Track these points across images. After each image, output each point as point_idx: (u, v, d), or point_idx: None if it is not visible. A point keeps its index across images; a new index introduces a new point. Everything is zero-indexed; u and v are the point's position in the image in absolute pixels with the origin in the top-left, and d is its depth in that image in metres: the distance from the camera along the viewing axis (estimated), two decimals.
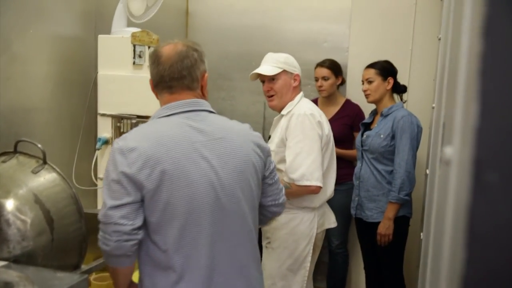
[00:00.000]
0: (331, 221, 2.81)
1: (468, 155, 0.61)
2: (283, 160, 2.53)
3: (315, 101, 3.63)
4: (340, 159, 3.51)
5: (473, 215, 0.59)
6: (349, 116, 3.57)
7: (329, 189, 2.68)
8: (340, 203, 3.59)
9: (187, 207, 1.59)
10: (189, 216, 1.60)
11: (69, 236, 1.83)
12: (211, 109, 1.75)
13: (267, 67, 2.64)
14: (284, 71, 2.62)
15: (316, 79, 3.59)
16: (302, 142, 2.48)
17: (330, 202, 3.61)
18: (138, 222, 1.57)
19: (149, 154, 1.56)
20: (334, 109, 3.64)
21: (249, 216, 1.75)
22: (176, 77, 1.68)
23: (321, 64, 3.59)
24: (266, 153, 1.81)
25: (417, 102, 3.47)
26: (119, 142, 1.61)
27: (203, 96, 1.76)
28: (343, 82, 3.68)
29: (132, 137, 1.61)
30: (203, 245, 1.63)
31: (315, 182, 2.49)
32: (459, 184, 0.68)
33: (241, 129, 1.77)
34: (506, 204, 0.56)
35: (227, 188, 1.66)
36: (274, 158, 2.40)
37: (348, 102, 3.66)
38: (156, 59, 1.71)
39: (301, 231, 2.60)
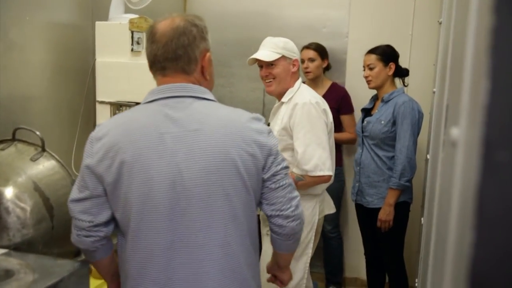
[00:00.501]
0: (331, 207, 2.82)
1: (477, 135, 0.59)
2: (286, 149, 2.50)
3: None
4: None
5: (482, 196, 0.57)
6: (335, 99, 3.58)
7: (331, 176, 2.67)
8: (330, 187, 3.62)
9: (140, 207, 1.41)
10: (143, 218, 1.41)
11: (69, 223, 1.82)
12: (204, 95, 1.51)
13: (266, 52, 2.58)
14: (283, 57, 2.57)
15: (303, 61, 3.59)
16: (311, 132, 2.44)
17: None
18: (101, 218, 1.46)
19: (112, 144, 1.42)
20: (320, 92, 3.65)
21: (222, 229, 1.44)
22: (170, 57, 1.47)
23: (307, 46, 3.60)
24: (267, 152, 1.50)
25: (417, 87, 3.46)
26: (95, 130, 1.52)
27: (203, 78, 1.53)
28: (328, 66, 3.68)
29: (106, 125, 1.50)
30: (159, 256, 1.41)
31: (327, 171, 2.47)
32: (466, 165, 0.67)
33: (231, 121, 1.48)
34: None
35: (190, 191, 1.41)
36: (280, 145, 2.36)
37: (334, 85, 3.67)
38: (150, 36, 1.50)
39: (304, 218, 2.58)
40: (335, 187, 3.64)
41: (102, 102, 2.91)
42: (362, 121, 3.20)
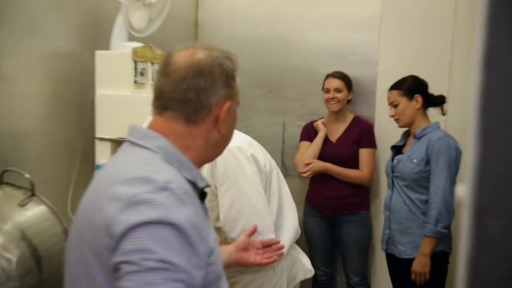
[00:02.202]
0: (306, 269, 2.43)
1: (472, 199, 0.62)
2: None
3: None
4: (351, 186, 3.57)
5: (473, 264, 0.60)
6: (357, 132, 3.65)
7: (292, 227, 2.31)
8: (355, 235, 3.64)
9: None
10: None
11: (60, 277, 1.86)
12: (140, 142, 1.34)
13: None
14: None
15: (327, 91, 3.63)
16: (232, 189, 2.09)
17: (344, 234, 3.66)
18: None
19: None
20: (342, 127, 3.70)
21: None
22: (177, 99, 1.34)
23: (333, 75, 3.65)
24: (105, 229, 1.19)
25: (457, 122, 3.45)
26: None
27: (216, 131, 1.39)
28: (351, 99, 3.75)
29: None
30: None
31: (264, 235, 2.12)
32: (466, 229, 0.70)
33: (107, 178, 1.30)
34: (508, 254, 0.57)
35: (69, 260, 1.35)
36: (211, 215, 2.08)
37: (357, 119, 3.73)
38: (163, 67, 1.38)
39: None
40: (361, 234, 3.66)
41: (102, 139, 2.98)
42: (392, 160, 3.21)
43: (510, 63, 0.54)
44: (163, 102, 1.36)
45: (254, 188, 2.12)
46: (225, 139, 1.46)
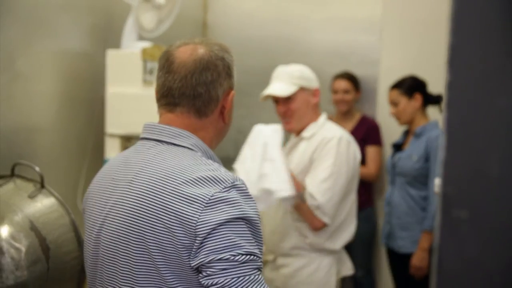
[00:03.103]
0: (348, 267, 2.58)
1: (440, 189, 0.64)
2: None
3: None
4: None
5: (441, 252, 0.62)
6: (364, 131, 3.67)
7: (353, 229, 2.55)
8: (360, 230, 3.64)
9: (84, 256, 1.49)
10: (85, 274, 1.49)
11: (66, 266, 1.89)
12: (173, 140, 1.37)
13: (280, 84, 2.45)
14: (302, 88, 2.43)
15: (335, 92, 3.65)
16: (331, 169, 2.33)
17: None
18: None
19: (89, 188, 1.52)
20: (350, 125, 3.70)
21: None
22: (188, 94, 1.36)
23: (340, 76, 3.66)
24: (190, 230, 1.22)
25: None
26: None
27: (221, 120, 1.43)
28: (358, 97, 3.77)
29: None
30: None
31: (327, 218, 2.33)
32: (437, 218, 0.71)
33: (165, 178, 1.29)
34: (474, 241, 0.58)
35: (105, 255, 1.37)
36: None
37: (364, 118, 3.73)
38: (165, 64, 1.40)
39: (318, 279, 2.40)
40: (366, 230, 3.66)
41: (112, 135, 3.01)
42: (393, 157, 3.22)
43: (471, 60, 0.56)
44: (173, 99, 1.38)
45: (346, 179, 2.43)
46: (228, 127, 1.49)
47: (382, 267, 3.82)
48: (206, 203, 1.23)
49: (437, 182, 0.82)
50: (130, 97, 2.97)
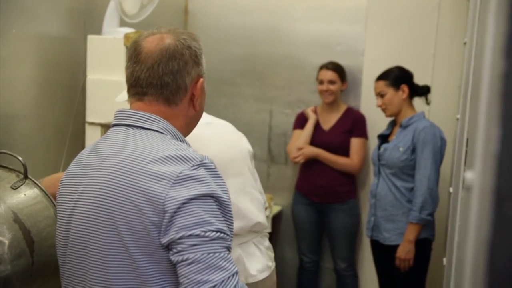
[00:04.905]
0: (254, 269, 2.14)
1: (489, 184, 0.61)
2: None
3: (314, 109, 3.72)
4: (341, 174, 3.58)
5: (493, 250, 0.59)
6: (349, 123, 3.66)
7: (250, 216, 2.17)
8: (343, 223, 3.69)
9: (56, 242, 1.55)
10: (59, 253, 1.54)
11: (52, 259, 1.83)
12: (142, 124, 1.40)
13: None
14: None
15: (321, 82, 3.63)
16: None
17: (333, 222, 3.69)
18: None
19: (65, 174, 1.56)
20: (335, 116, 3.71)
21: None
22: (155, 84, 1.40)
23: (326, 66, 3.64)
24: (159, 207, 1.25)
25: (440, 111, 3.47)
26: None
27: (191, 108, 1.47)
28: (344, 88, 3.76)
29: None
30: None
31: None
32: (479, 215, 0.69)
33: (133, 159, 1.32)
34: None
35: (75, 238, 1.41)
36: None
37: (350, 110, 3.73)
38: (134, 55, 1.43)
39: None
40: (349, 222, 3.68)
41: (92, 123, 2.94)
42: (379, 148, 3.22)
43: None
44: (141, 89, 1.42)
45: None
46: (199, 115, 1.53)
47: (365, 259, 3.83)
48: (174, 180, 1.26)
49: (469, 175, 0.79)
50: (111, 84, 2.89)
